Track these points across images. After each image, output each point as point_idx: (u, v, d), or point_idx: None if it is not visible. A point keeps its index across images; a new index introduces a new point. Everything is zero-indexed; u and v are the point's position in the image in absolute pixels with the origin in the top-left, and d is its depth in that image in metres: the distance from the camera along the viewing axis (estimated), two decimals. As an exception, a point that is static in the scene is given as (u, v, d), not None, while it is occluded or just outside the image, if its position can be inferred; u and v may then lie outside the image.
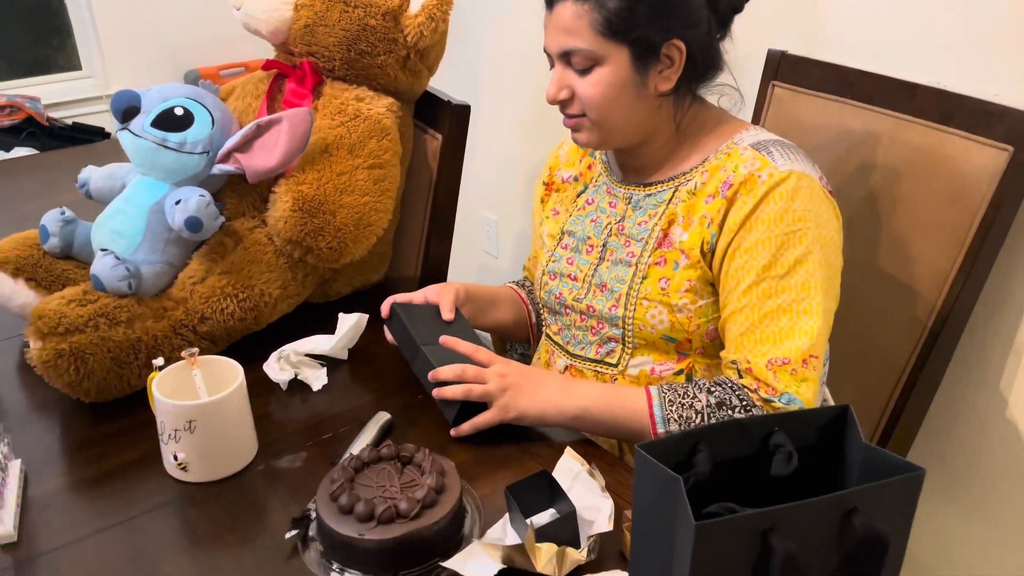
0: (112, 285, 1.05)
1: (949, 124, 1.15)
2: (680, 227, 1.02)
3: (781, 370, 0.94)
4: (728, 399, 0.95)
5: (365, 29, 1.20)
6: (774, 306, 0.95)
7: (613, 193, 1.10)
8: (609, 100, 0.98)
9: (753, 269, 0.96)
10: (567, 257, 1.12)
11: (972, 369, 1.30)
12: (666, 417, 0.96)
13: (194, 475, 0.94)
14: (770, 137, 1.02)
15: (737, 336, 0.97)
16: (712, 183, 1.00)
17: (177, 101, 1.12)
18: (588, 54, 0.96)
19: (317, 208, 1.11)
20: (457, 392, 1.00)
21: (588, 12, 0.94)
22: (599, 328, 1.08)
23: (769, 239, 0.95)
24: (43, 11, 2.79)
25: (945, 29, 1.27)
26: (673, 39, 0.97)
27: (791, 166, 0.97)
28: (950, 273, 1.15)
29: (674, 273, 1.01)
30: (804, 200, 0.96)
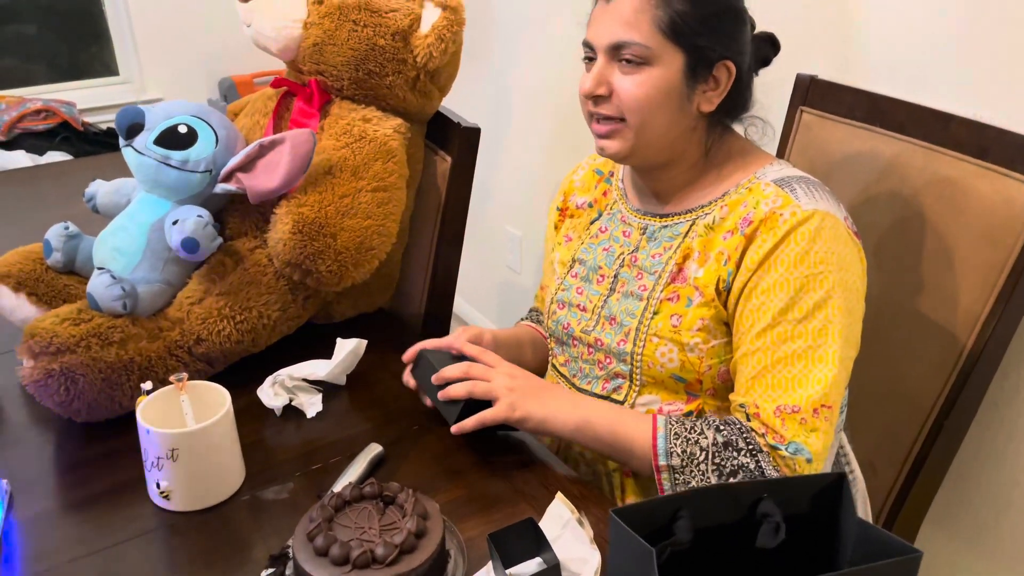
0: (107, 305, 1.03)
1: (985, 158, 1.10)
2: (695, 263, 0.98)
3: (790, 418, 0.90)
4: (735, 440, 0.91)
5: (374, 49, 1.17)
6: (788, 351, 0.91)
7: (628, 222, 1.07)
8: (652, 105, 0.94)
9: (769, 311, 0.92)
10: (577, 286, 1.09)
11: (1003, 414, 1.24)
12: (669, 450, 0.93)
13: (177, 504, 0.92)
14: (794, 173, 0.98)
15: (747, 379, 0.93)
16: (731, 219, 0.96)
17: (181, 119, 1.11)
18: (642, 50, 0.92)
19: (317, 231, 1.08)
20: (462, 389, 0.98)
21: (653, 7, 0.91)
22: (606, 362, 1.04)
23: (788, 281, 0.91)
24: (82, 17, 2.83)
25: (982, 60, 1.22)
26: (726, 60, 0.94)
27: (815, 205, 0.92)
28: (981, 314, 1.10)
29: (687, 310, 0.97)
30: (827, 242, 0.91)
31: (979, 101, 1.22)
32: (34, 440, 1.06)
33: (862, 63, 1.39)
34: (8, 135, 2.46)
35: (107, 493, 0.96)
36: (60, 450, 1.04)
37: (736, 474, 0.90)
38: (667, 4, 0.91)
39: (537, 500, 0.94)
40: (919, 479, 1.18)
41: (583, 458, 1.09)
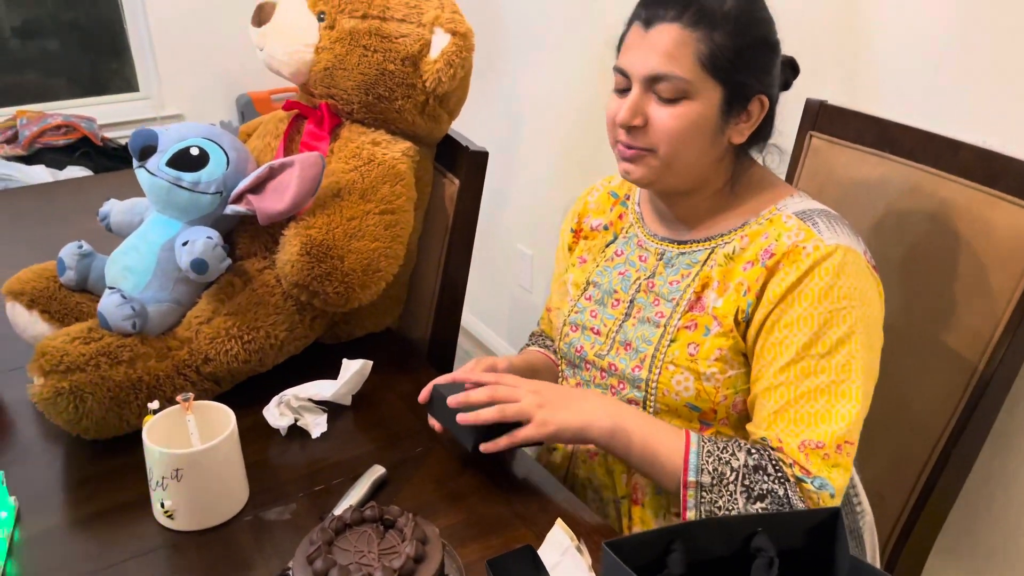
0: (116, 324, 1.05)
1: (993, 186, 1.09)
2: (715, 292, 0.97)
3: (813, 453, 0.90)
4: (765, 465, 0.91)
5: (384, 74, 1.19)
6: (812, 386, 0.91)
7: (644, 247, 1.07)
8: (687, 137, 0.93)
9: (793, 346, 0.91)
10: (591, 309, 1.09)
11: (1013, 442, 1.23)
12: (700, 467, 0.91)
13: (180, 523, 0.93)
14: (815, 206, 0.98)
15: (770, 414, 0.93)
16: (752, 249, 0.96)
17: (193, 141, 1.13)
18: (683, 84, 0.91)
19: (325, 253, 1.09)
20: (491, 412, 0.94)
21: (695, 41, 0.90)
22: (619, 388, 1.04)
23: (811, 316, 0.91)
24: (104, 33, 2.88)
25: (992, 87, 1.21)
26: (761, 93, 0.94)
27: (837, 240, 0.93)
28: (990, 341, 1.10)
29: (704, 339, 0.96)
30: (850, 277, 0.91)
31: (989, 129, 1.22)
32: (43, 456, 1.07)
33: (872, 89, 1.40)
34: (29, 150, 2.50)
35: (112, 511, 0.97)
36: (68, 467, 1.06)
37: (764, 498, 0.89)
38: (709, 37, 0.90)
39: (537, 525, 0.94)
40: (927, 507, 1.17)
41: (590, 483, 1.09)
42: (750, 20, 0.92)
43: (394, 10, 1.19)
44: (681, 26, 0.90)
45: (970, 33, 1.23)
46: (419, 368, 1.27)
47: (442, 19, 1.18)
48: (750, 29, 0.92)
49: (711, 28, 0.90)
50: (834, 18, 1.42)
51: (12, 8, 2.75)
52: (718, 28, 0.90)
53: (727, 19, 0.90)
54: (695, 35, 0.90)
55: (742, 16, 0.91)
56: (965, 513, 1.29)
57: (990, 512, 1.28)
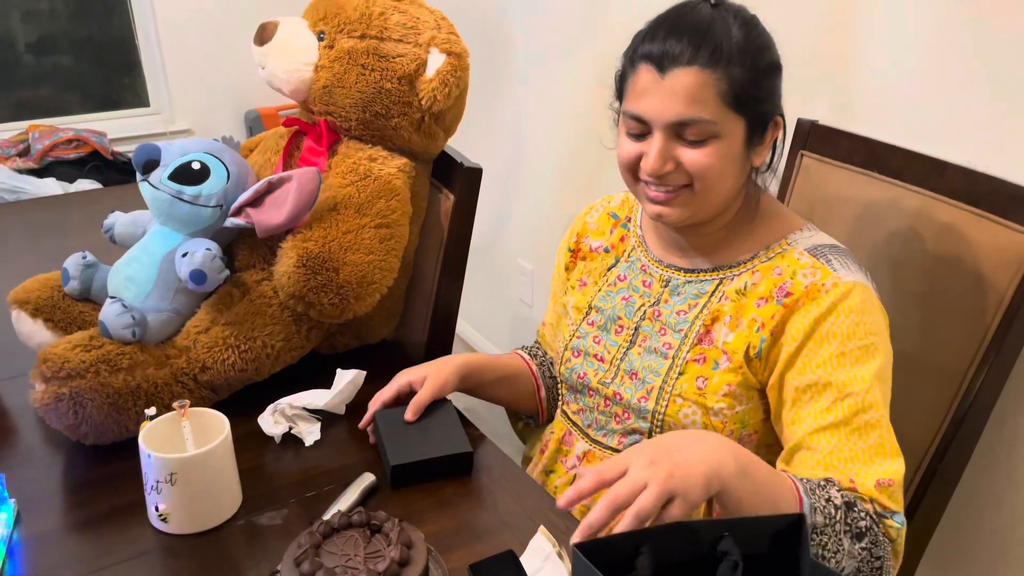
0: (117, 332, 1.08)
1: (978, 205, 1.11)
2: (726, 327, 0.97)
3: (885, 490, 0.90)
4: (853, 502, 0.88)
5: (381, 92, 1.22)
6: (862, 423, 0.91)
7: (648, 272, 1.06)
8: (722, 172, 0.92)
9: (836, 384, 0.91)
10: (594, 335, 1.08)
11: (1000, 459, 1.24)
12: (813, 506, 0.86)
13: (174, 527, 0.95)
14: (825, 241, 0.99)
15: (826, 455, 0.91)
16: (764, 285, 0.96)
17: (195, 156, 1.16)
18: (709, 126, 0.90)
19: (321, 265, 1.12)
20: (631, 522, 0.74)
21: (716, 81, 0.88)
22: (624, 417, 1.03)
23: (844, 354, 0.91)
24: (117, 49, 2.94)
25: (978, 109, 1.23)
26: (777, 115, 0.96)
27: (854, 278, 0.94)
28: (974, 359, 1.11)
29: (713, 373, 0.97)
30: (870, 313, 0.93)
31: (974, 149, 1.24)
32: (44, 461, 1.10)
33: (861, 110, 1.42)
34: (40, 163, 2.55)
35: (109, 514, 0.99)
36: (68, 471, 1.08)
37: (863, 536, 0.87)
38: (728, 75, 0.88)
39: (523, 532, 0.96)
40: (913, 523, 1.18)
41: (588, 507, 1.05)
42: (758, 47, 0.92)
43: (392, 31, 1.23)
44: (699, 68, 0.88)
45: (957, 56, 1.25)
46: (413, 379, 1.29)
47: (438, 39, 1.22)
48: (761, 56, 0.92)
49: (728, 65, 0.89)
50: (825, 40, 1.45)
51: (27, 24, 2.81)
52: (734, 63, 0.89)
53: (740, 51, 0.89)
54: (714, 75, 0.88)
55: (750, 45, 0.91)
56: (953, 530, 1.30)
57: (978, 529, 1.29)
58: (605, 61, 1.02)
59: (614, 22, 1.90)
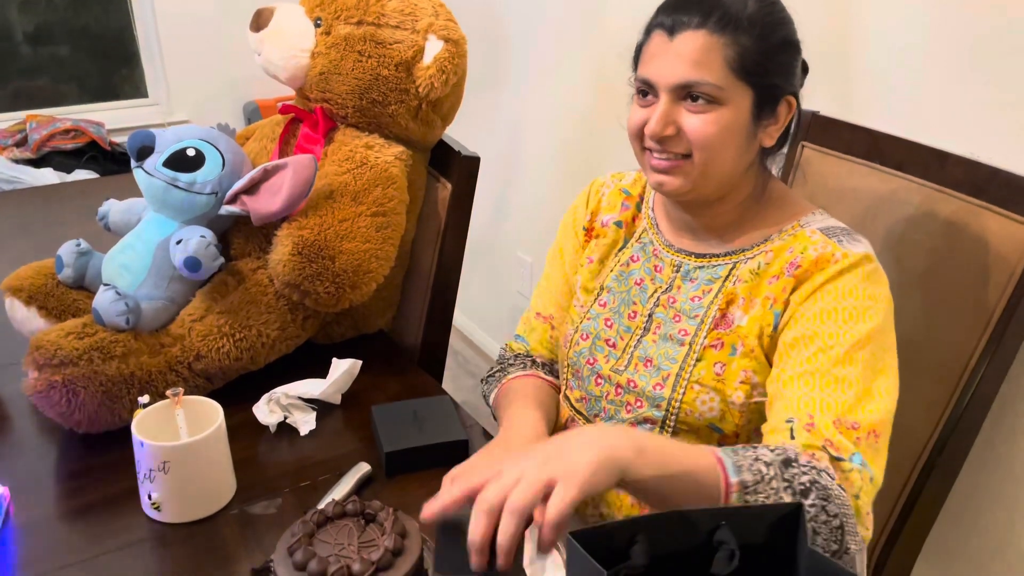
0: (110, 320, 1.07)
1: (980, 197, 1.10)
2: (740, 309, 0.96)
3: (847, 433, 0.84)
4: (793, 458, 0.81)
5: (378, 79, 1.21)
6: (841, 375, 0.87)
7: (660, 256, 1.04)
8: (722, 143, 0.91)
9: (820, 336, 0.88)
10: (605, 317, 1.06)
11: (1000, 453, 1.23)
12: (737, 465, 0.79)
13: (167, 515, 0.94)
14: (838, 224, 0.98)
15: (797, 400, 0.86)
16: (777, 264, 0.95)
17: (190, 143, 1.15)
18: (714, 90, 0.89)
19: (316, 253, 1.11)
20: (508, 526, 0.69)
21: (724, 46, 0.88)
22: (636, 405, 1.00)
23: (837, 309, 0.89)
24: (115, 40, 2.93)
25: (980, 99, 1.23)
26: (788, 94, 0.94)
27: (865, 250, 0.93)
28: (974, 352, 1.10)
29: (731, 359, 0.95)
30: (876, 285, 0.91)
31: (976, 140, 1.23)
32: (37, 449, 1.09)
33: (863, 100, 1.41)
34: (38, 153, 2.54)
35: (101, 503, 0.99)
36: (61, 459, 1.08)
37: (809, 492, 0.80)
38: (736, 41, 0.88)
39: (518, 523, 0.95)
40: (912, 517, 1.17)
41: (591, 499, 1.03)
42: (773, 21, 0.92)
43: (389, 17, 1.21)
44: (707, 32, 0.89)
45: (959, 46, 1.24)
46: (408, 369, 1.28)
47: (436, 26, 1.21)
48: (774, 30, 0.91)
49: (737, 31, 0.89)
50: (826, 30, 1.44)
51: (25, 14, 2.79)
52: (743, 31, 0.89)
53: (752, 22, 0.89)
54: (722, 40, 0.89)
55: (765, 17, 0.90)
56: (952, 525, 1.29)
57: (976, 523, 1.28)
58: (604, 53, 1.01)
59: (614, 13, 1.89)
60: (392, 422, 1.07)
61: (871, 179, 1.24)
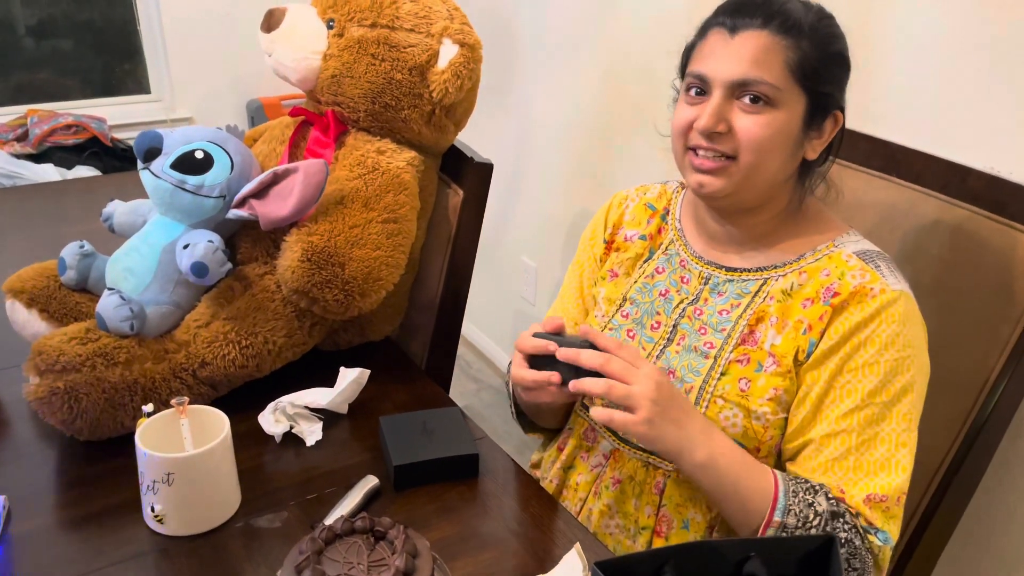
0: (114, 325, 1.05)
1: (1000, 213, 1.09)
2: (773, 328, 0.95)
3: (877, 506, 0.89)
4: (842, 513, 0.89)
5: (391, 83, 1.19)
6: (873, 434, 0.90)
7: (687, 268, 1.04)
8: (772, 146, 0.91)
9: (858, 392, 0.90)
10: (628, 328, 1.05)
11: (1016, 475, 1.22)
12: (788, 507, 0.88)
13: (170, 528, 0.92)
14: (872, 248, 0.97)
15: (828, 460, 0.91)
16: (811, 286, 0.94)
17: (198, 144, 1.12)
18: (771, 89, 0.89)
19: (326, 260, 1.09)
20: (599, 387, 0.86)
21: (785, 48, 0.89)
22: None
23: (879, 363, 0.90)
24: (118, 35, 2.90)
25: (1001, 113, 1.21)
26: (838, 109, 0.94)
27: (901, 287, 0.92)
28: (993, 370, 1.08)
29: (757, 375, 0.94)
30: (913, 326, 0.91)
31: (996, 155, 1.21)
32: (37, 456, 1.07)
33: (881, 112, 1.39)
34: (38, 148, 2.51)
35: (103, 513, 0.96)
36: (62, 467, 1.05)
37: (843, 546, 0.88)
38: (797, 45, 0.89)
39: (531, 542, 0.93)
40: (925, 536, 1.16)
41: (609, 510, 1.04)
42: (830, 34, 0.92)
43: (403, 20, 1.19)
44: (770, 32, 0.89)
45: (980, 58, 1.23)
46: (416, 378, 1.26)
47: (451, 30, 1.18)
48: (832, 42, 0.92)
49: (799, 36, 0.89)
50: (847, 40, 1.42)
51: (27, 7, 2.76)
52: (805, 37, 0.90)
53: (813, 30, 0.90)
54: (784, 42, 0.89)
55: (824, 29, 0.92)
56: (964, 544, 1.28)
57: (990, 543, 1.27)
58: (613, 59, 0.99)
59: (625, 19, 1.86)
60: (401, 434, 1.04)
61: (889, 192, 1.22)
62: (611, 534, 1.04)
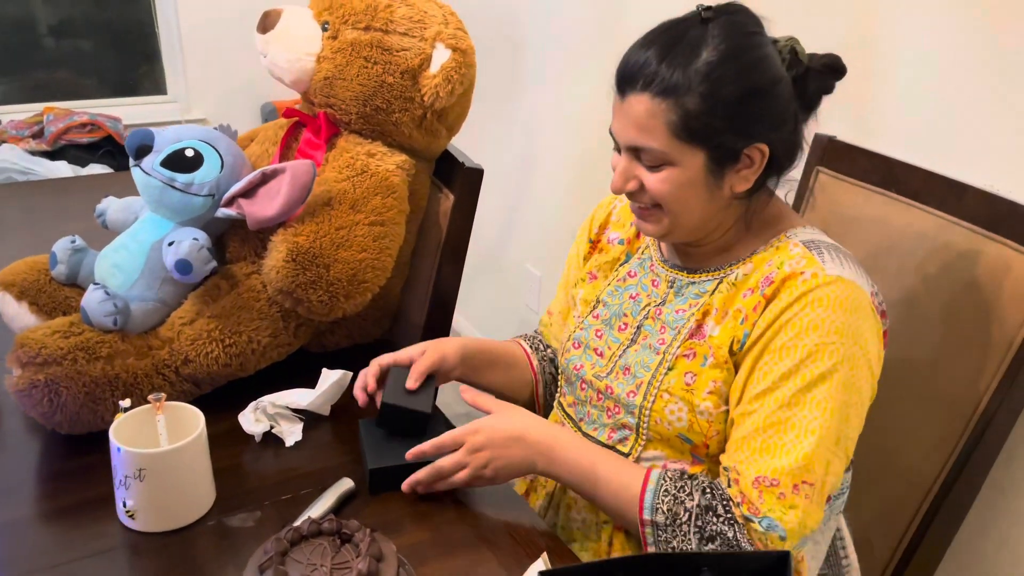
0: (98, 320, 1.05)
1: (997, 231, 1.07)
2: (713, 320, 0.95)
3: (767, 491, 0.87)
4: (715, 506, 0.89)
5: (382, 86, 1.19)
6: (781, 418, 0.88)
7: (657, 272, 1.05)
8: (683, 196, 0.91)
9: (772, 374, 0.88)
10: (596, 328, 1.07)
11: (1008, 498, 1.19)
12: (655, 506, 0.90)
13: (141, 524, 0.92)
14: (826, 239, 0.95)
15: (736, 439, 0.91)
16: (754, 276, 0.93)
17: (189, 143, 1.13)
18: (659, 155, 0.89)
19: (311, 261, 1.09)
20: (444, 486, 0.99)
21: (665, 111, 0.87)
22: (614, 411, 1.01)
23: (796, 346, 0.87)
24: (137, 36, 2.94)
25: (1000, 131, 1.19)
26: (756, 143, 0.90)
27: (840, 272, 0.89)
28: (987, 391, 1.07)
29: (701, 369, 0.94)
30: (846, 313, 0.87)
31: (995, 173, 1.19)
32: (20, 448, 1.07)
33: (881, 127, 1.37)
34: (53, 146, 2.55)
35: (77, 507, 0.97)
36: (42, 460, 1.06)
37: (715, 539, 0.87)
38: (679, 106, 0.86)
39: (500, 548, 0.93)
40: (916, 558, 1.14)
41: (576, 503, 1.06)
42: (725, 75, 0.86)
43: (397, 23, 1.19)
44: (650, 96, 0.87)
45: (980, 76, 1.21)
46: (403, 382, 1.25)
47: (444, 35, 1.18)
48: (729, 85, 0.86)
49: (679, 95, 0.86)
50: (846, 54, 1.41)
51: (49, 6, 2.81)
52: (688, 93, 0.86)
53: (701, 79, 0.86)
54: (664, 104, 0.87)
55: (715, 71, 0.86)
56: (956, 569, 1.25)
57: (982, 568, 1.24)
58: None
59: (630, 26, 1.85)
60: (380, 438, 1.04)
61: (887, 208, 1.20)
62: (577, 528, 1.05)
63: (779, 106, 0.90)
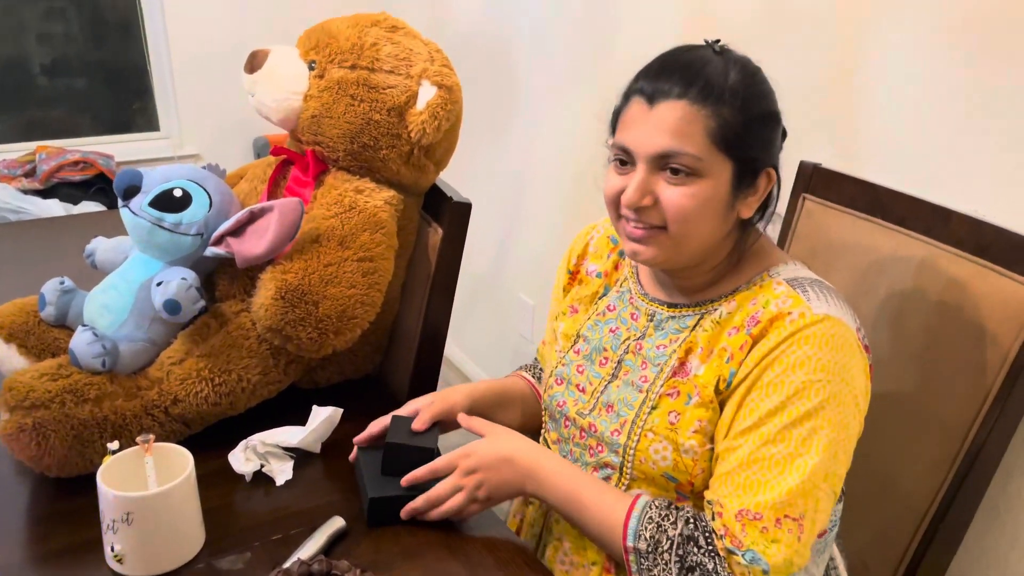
0: (86, 362, 1.05)
1: (984, 256, 1.08)
2: (698, 358, 0.94)
3: (751, 524, 0.86)
4: (697, 537, 0.88)
5: (369, 123, 1.20)
6: (766, 454, 0.87)
7: (636, 305, 1.04)
8: (700, 215, 0.90)
9: (758, 411, 0.88)
10: (578, 364, 1.06)
11: (1005, 520, 1.19)
12: (638, 532, 0.90)
13: (129, 568, 0.91)
14: (808, 275, 0.95)
15: (721, 474, 0.90)
16: (739, 315, 0.93)
17: (178, 183, 1.14)
18: (693, 160, 0.87)
19: (299, 298, 1.09)
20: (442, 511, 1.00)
21: (704, 117, 0.87)
22: (597, 450, 1.01)
23: (783, 383, 0.87)
24: (130, 73, 2.96)
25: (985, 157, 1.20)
26: (770, 166, 0.92)
27: (827, 310, 0.89)
28: (978, 414, 1.07)
29: (686, 408, 0.93)
30: (833, 351, 0.87)
31: (981, 199, 1.20)
32: (7, 491, 1.07)
33: (866, 154, 1.39)
34: (46, 184, 2.55)
35: (66, 551, 0.96)
36: (31, 503, 1.05)
37: (694, 571, 0.87)
38: (717, 113, 0.87)
39: (495, 587, 0.92)
40: (914, 584, 1.13)
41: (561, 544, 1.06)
42: (754, 93, 0.90)
43: (383, 62, 1.21)
44: (688, 102, 0.87)
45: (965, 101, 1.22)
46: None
47: (430, 72, 1.20)
48: (756, 103, 0.90)
49: (718, 103, 0.87)
50: (830, 81, 1.42)
51: (43, 46, 2.83)
52: (725, 103, 0.87)
53: (733, 94, 0.88)
54: (704, 111, 0.87)
55: (746, 89, 0.89)
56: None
57: (981, 591, 1.23)
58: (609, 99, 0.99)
59: (620, 60, 1.88)
60: (378, 468, 1.03)
61: (874, 234, 1.21)
62: (566, 571, 1.04)
63: (780, 138, 0.95)
